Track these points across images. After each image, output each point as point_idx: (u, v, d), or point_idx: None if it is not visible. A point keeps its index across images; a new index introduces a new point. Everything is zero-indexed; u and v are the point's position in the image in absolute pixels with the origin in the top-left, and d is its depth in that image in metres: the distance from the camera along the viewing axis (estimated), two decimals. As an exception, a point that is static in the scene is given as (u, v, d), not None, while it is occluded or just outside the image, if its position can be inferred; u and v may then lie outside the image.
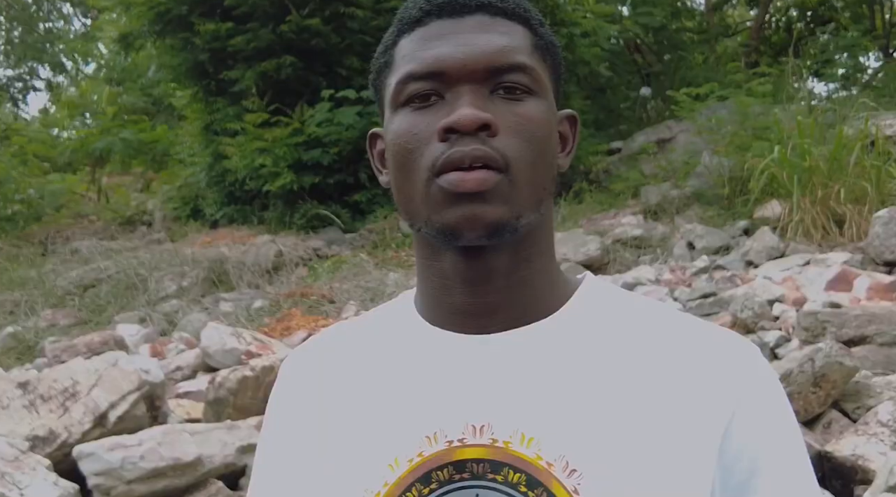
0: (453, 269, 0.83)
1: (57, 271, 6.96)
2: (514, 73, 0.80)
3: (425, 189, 0.79)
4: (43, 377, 3.35)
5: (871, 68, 13.44)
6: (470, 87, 0.79)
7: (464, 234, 0.78)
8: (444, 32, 0.81)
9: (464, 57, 0.79)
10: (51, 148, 12.46)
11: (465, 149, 0.77)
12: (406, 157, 0.80)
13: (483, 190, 0.77)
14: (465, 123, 0.77)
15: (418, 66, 0.80)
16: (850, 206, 5.38)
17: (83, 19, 20.30)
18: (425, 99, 0.80)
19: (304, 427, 0.87)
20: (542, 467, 0.76)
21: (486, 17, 0.82)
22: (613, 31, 9.72)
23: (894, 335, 3.15)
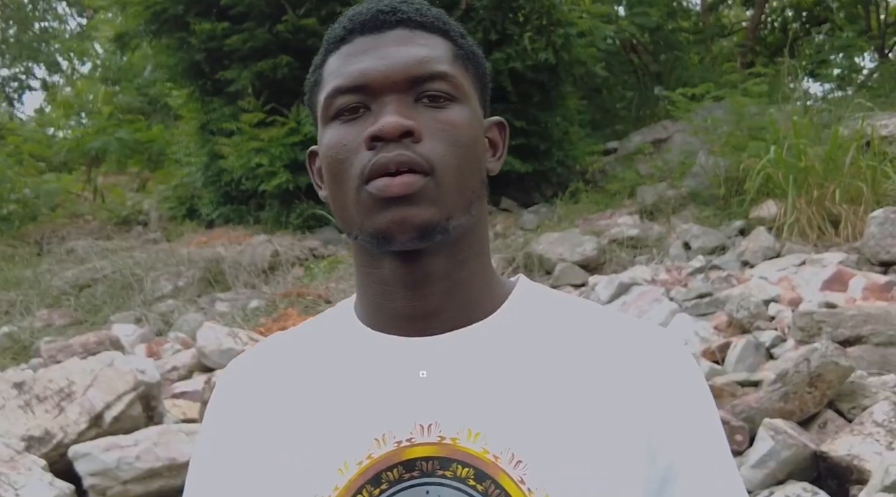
0: (392, 275, 0.85)
1: (52, 271, 6.94)
2: (434, 81, 0.84)
3: (356, 196, 0.82)
4: (38, 377, 3.35)
5: (867, 69, 13.46)
6: (394, 96, 0.83)
7: (395, 237, 0.81)
8: (367, 47, 0.85)
9: (386, 69, 0.83)
10: (46, 147, 12.43)
11: (390, 155, 0.80)
12: (337, 168, 0.84)
13: (409, 193, 0.80)
14: (389, 130, 0.80)
15: (344, 81, 0.84)
16: (846, 207, 5.39)
17: (78, 19, 20.28)
18: (353, 111, 0.84)
19: (243, 439, 0.88)
20: (489, 461, 0.80)
21: (407, 31, 0.86)
22: (609, 32, 9.73)
23: (890, 335, 3.16)
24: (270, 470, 0.85)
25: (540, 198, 8.27)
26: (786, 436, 2.42)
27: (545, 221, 7.28)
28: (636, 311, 4.23)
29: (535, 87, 8.23)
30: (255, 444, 0.87)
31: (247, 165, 7.76)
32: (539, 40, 7.89)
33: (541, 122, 8.35)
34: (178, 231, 8.59)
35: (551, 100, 8.56)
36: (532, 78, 8.05)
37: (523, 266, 5.95)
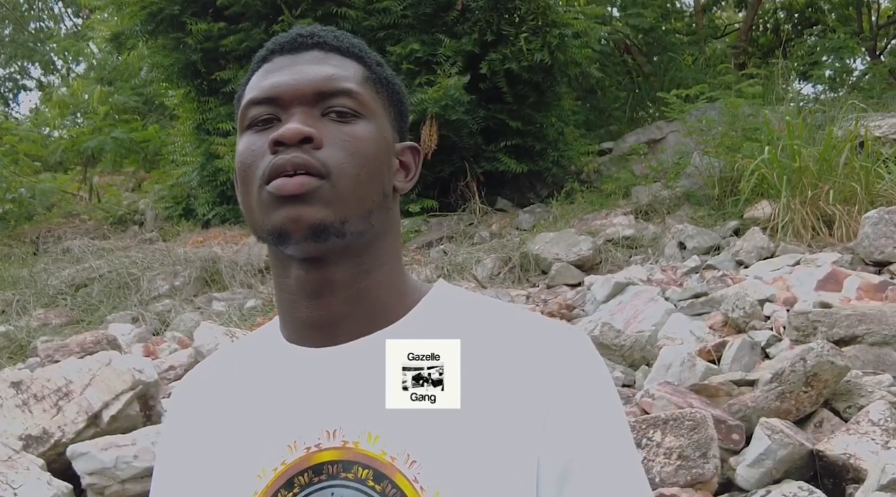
0: (297, 283, 0.91)
1: (49, 271, 6.94)
2: (340, 97, 0.90)
3: (258, 196, 0.87)
4: (36, 377, 3.34)
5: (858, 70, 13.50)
6: (301, 109, 0.89)
7: (290, 234, 0.85)
8: (283, 65, 0.92)
9: (295, 83, 0.90)
10: (42, 147, 12.40)
11: (287, 157, 0.85)
12: (245, 172, 0.89)
13: (303, 192, 0.85)
14: (289, 135, 0.86)
15: (257, 93, 0.91)
16: (840, 207, 5.41)
17: (74, 19, 20.23)
18: (265, 122, 0.90)
19: (180, 454, 0.96)
20: (386, 462, 0.85)
21: (321, 53, 0.93)
22: (604, 33, 9.75)
23: (884, 335, 3.18)
24: (197, 480, 0.92)
25: (535, 198, 8.28)
26: (782, 435, 2.44)
27: (541, 221, 7.30)
28: (632, 310, 4.25)
29: (530, 88, 8.25)
30: (187, 458, 0.95)
31: (242, 165, 7.75)
32: (534, 41, 7.90)
33: (536, 123, 8.37)
34: (175, 231, 8.58)
35: (546, 100, 8.58)
36: (527, 78, 8.06)
37: (519, 266, 5.96)
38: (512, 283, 5.79)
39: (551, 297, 5.13)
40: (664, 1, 12.31)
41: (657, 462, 2.39)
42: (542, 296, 5.21)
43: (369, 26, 7.99)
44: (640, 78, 12.03)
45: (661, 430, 2.43)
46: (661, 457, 2.39)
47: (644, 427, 2.46)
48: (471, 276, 5.86)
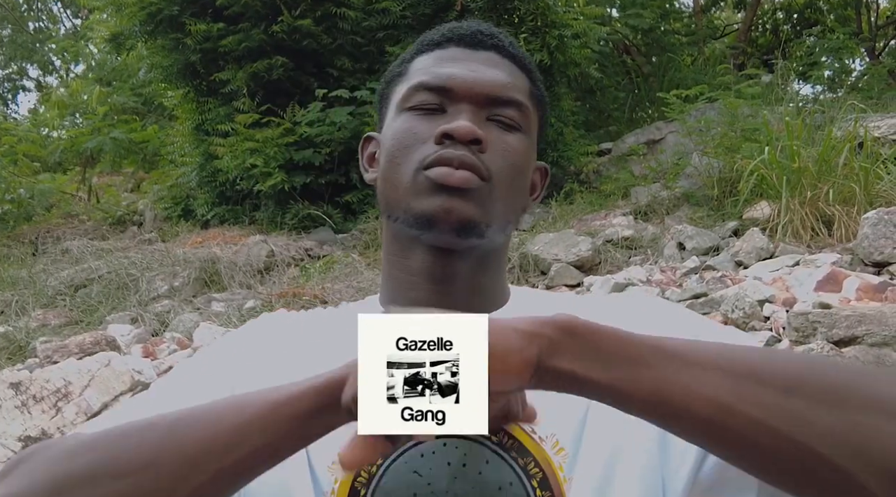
0: (420, 267, 0.91)
1: (48, 271, 6.93)
2: (510, 106, 0.91)
3: (412, 179, 0.88)
4: (35, 378, 3.35)
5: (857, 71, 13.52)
6: (470, 107, 0.90)
7: (438, 223, 0.86)
8: (459, 57, 0.93)
9: (472, 81, 0.90)
10: (41, 147, 12.39)
11: (457, 153, 0.86)
12: (400, 151, 0.90)
13: (465, 188, 0.86)
14: (462, 133, 0.86)
15: (430, 79, 0.91)
16: (839, 208, 5.41)
17: (73, 20, 20.23)
18: (435, 108, 0.91)
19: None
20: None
21: (497, 56, 0.95)
22: (603, 33, 9.75)
23: (884, 336, 3.18)
24: None
25: (534, 198, 8.28)
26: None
27: (540, 222, 7.30)
28: (631, 311, 4.25)
29: (529, 88, 8.25)
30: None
31: (242, 166, 7.76)
32: (534, 41, 7.91)
33: (535, 123, 8.37)
34: (174, 231, 8.58)
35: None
36: (527, 79, 8.06)
37: (518, 266, 5.96)
38: (511, 283, 5.76)
39: (551, 297, 5.12)
40: (663, 1, 12.31)
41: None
42: (541, 296, 5.20)
43: (368, 27, 8.00)
44: (640, 78, 12.04)
45: (661, 430, 2.43)
46: (660, 457, 2.39)
47: (644, 428, 2.46)
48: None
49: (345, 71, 8.02)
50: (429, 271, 0.91)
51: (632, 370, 0.66)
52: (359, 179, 7.74)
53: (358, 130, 7.55)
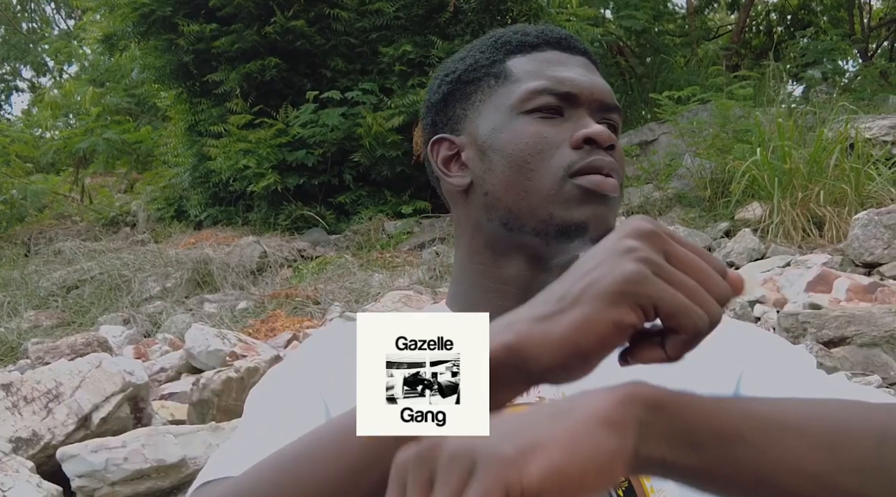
0: (516, 276, 0.90)
1: (40, 272, 6.92)
2: (615, 113, 0.93)
3: (557, 187, 0.86)
4: (26, 379, 3.34)
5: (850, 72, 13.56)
6: (588, 112, 0.89)
7: (588, 231, 0.85)
8: (563, 61, 0.92)
9: (590, 86, 0.90)
10: (34, 148, 12.36)
11: (606, 159, 0.87)
12: (533, 157, 0.87)
13: (614, 197, 0.87)
14: (605, 138, 0.86)
15: (553, 84, 0.89)
16: (830, 208, 5.43)
17: (66, 20, 20.19)
18: (554, 112, 0.89)
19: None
20: None
21: (589, 63, 0.95)
22: (597, 34, 9.77)
23: (873, 336, 3.20)
24: None
25: (527, 199, 8.29)
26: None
27: (533, 223, 7.30)
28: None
29: (522, 90, 8.25)
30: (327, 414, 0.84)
31: (235, 167, 7.76)
32: (527, 43, 7.91)
33: (528, 124, 8.37)
34: (166, 232, 8.56)
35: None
36: (520, 80, 8.07)
37: (511, 267, 5.96)
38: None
39: (543, 298, 5.13)
40: (657, 3, 12.33)
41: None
42: (533, 297, 5.21)
43: (362, 28, 8.00)
44: (633, 79, 12.06)
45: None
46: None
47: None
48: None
49: (338, 72, 8.03)
50: (523, 280, 0.89)
51: (726, 449, 0.57)
52: (352, 180, 7.74)
53: (350, 131, 7.54)
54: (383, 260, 6.58)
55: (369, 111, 7.53)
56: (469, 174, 0.92)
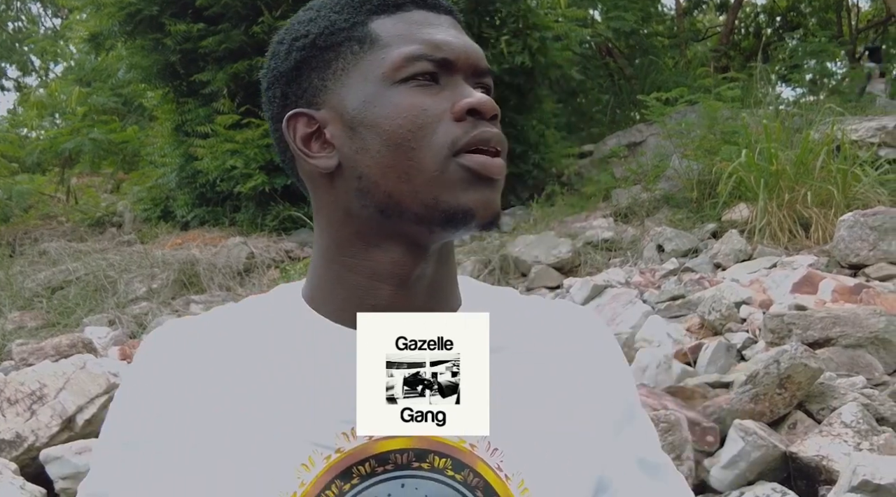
0: (391, 268, 0.80)
1: (25, 273, 6.87)
2: (488, 76, 0.83)
3: (441, 167, 0.76)
4: (10, 380, 3.31)
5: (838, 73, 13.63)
6: (463, 79, 0.80)
7: (475, 218, 0.76)
8: (432, 22, 0.82)
9: (465, 50, 0.81)
10: (19, 148, 12.29)
11: (493, 131, 0.78)
12: (414, 134, 0.77)
13: (499, 178, 0.78)
14: (489, 108, 0.78)
15: (429, 49, 0.79)
16: (816, 210, 5.45)
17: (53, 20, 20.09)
18: (431, 79, 0.79)
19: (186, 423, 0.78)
20: (466, 450, 0.77)
21: (456, 22, 0.85)
22: (585, 35, 9.78)
23: (858, 337, 3.21)
24: (225, 463, 0.76)
25: (516, 200, 8.30)
26: (756, 437, 2.45)
27: (521, 224, 7.31)
28: (610, 312, 4.26)
29: (511, 91, 8.26)
30: (204, 432, 0.77)
31: (221, 167, 7.73)
32: (515, 44, 7.92)
33: (517, 125, 8.38)
34: (153, 233, 8.52)
35: (527, 103, 8.59)
36: (508, 81, 8.07)
37: (499, 268, 5.97)
38: (492, 285, 5.78)
39: (530, 299, 5.13)
40: (645, 4, 12.36)
41: (632, 464, 2.39)
42: (521, 298, 5.21)
43: (350, 28, 7.97)
44: (622, 81, 12.08)
45: (636, 432, 2.44)
46: (635, 459, 2.40)
47: (619, 429, 2.46)
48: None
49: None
50: (397, 273, 0.79)
51: None
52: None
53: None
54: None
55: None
56: (336, 154, 0.80)
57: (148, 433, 0.79)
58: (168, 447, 0.78)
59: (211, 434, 0.77)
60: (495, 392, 0.76)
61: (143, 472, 0.78)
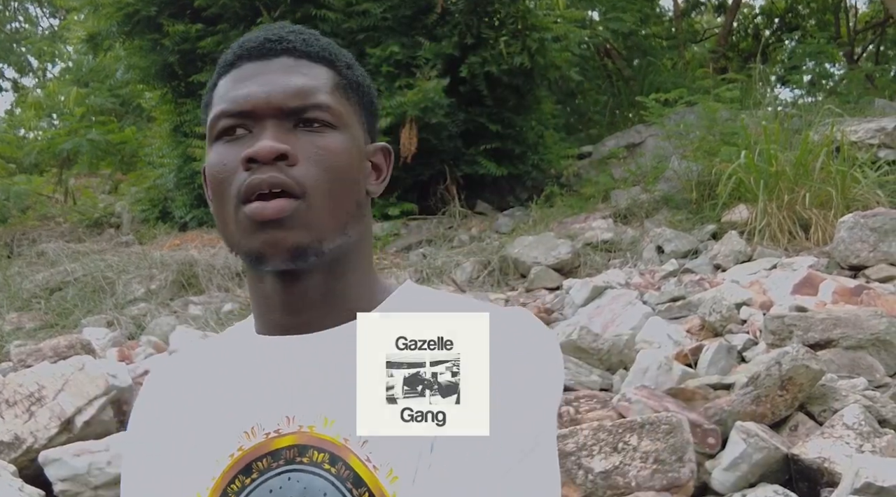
0: (273, 291, 0.90)
1: (23, 274, 6.86)
2: (312, 110, 0.88)
3: (235, 216, 0.87)
4: (8, 382, 3.30)
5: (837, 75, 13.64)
6: (274, 122, 0.87)
7: (268, 258, 0.85)
8: (253, 74, 0.90)
9: (266, 95, 0.88)
10: (17, 149, 12.28)
11: (263, 176, 0.84)
12: (218, 186, 0.88)
13: (281, 217, 0.84)
14: (263, 153, 0.84)
15: (228, 105, 0.89)
16: (816, 211, 5.45)
17: (51, 20, 20.07)
18: (233, 132, 0.89)
19: (148, 452, 0.96)
20: (340, 444, 0.84)
21: (291, 60, 0.91)
22: (584, 36, 9.77)
23: (859, 339, 3.20)
24: (160, 471, 0.93)
25: (515, 201, 8.29)
26: (757, 438, 2.44)
27: (520, 225, 7.30)
28: (610, 314, 4.25)
29: (510, 91, 8.25)
30: (152, 452, 0.95)
31: (220, 168, 7.71)
32: (514, 44, 7.91)
33: (516, 126, 8.37)
34: (151, 234, 8.51)
35: (526, 104, 8.59)
36: (507, 82, 8.07)
37: (498, 269, 5.96)
38: (491, 286, 5.78)
39: (530, 300, 5.12)
40: (644, 5, 12.36)
41: (633, 466, 2.38)
42: (520, 299, 5.21)
43: (349, 28, 7.97)
44: (620, 82, 12.08)
45: (638, 434, 2.43)
46: (637, 461, 2.39)
47: (620, 431, 2.46)
48: (450, 279, 5.85)
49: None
50: (280, 296, 0.90)
51: None
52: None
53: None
54: (370, 262, 6.54)
55: None
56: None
57: (133, 457, 0.99)
58: (144, 466, 0.96)
59: (164, 448, 0.94)
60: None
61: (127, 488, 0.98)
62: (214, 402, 0.92)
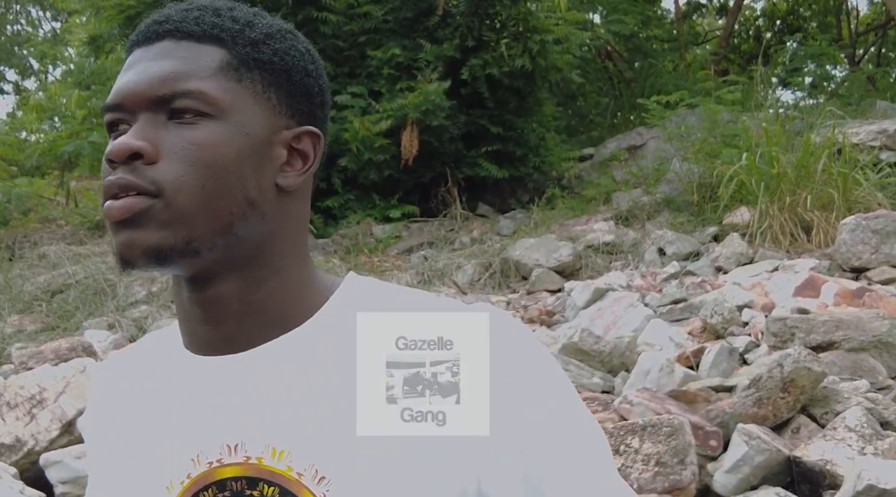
0: (189, 300, 0.83)
1: (24, 276, 6.86)
2: (181, 98, 0.79)
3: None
4: (9, 384, 3.30)
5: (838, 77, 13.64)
6: (146, 115, 0.79)
7: (128, 260, 0.78)
8: (135, 61, 0.82)
9: (135, 86, 0.80)
10: (18, 151, 12.28)
11: (112, 178, 0.78)
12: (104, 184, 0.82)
13: (130, 216, 0.77)
14: (115, 152, 0.78)
15: (109, 98, 0.82)
16: (818, 213, 5.45)
17: (53, 23, 20.10)
18: (116, 127, 0.81)
19: (99, 473, 0.93)
20: (293, 479, 0.78)
21: (171, 43, 0.82)
22: (585, 39, 9.78)
23: (861, 341, 3.19)
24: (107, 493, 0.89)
25: (516, 203, 8.29)
26: (759, 441, 2.44)
27: (521, 227, 7.30)
28: (611, 316, 4.25)
29: (511, 93, 8.26)
30: (102, 473, 0.92)
31: (221, 170, 7.71)
32: (515, 47, 7.91)
33: (517, 128, 8.38)
34: (152, 236, 8.50)
35: (527, 106, 8.59)
36: (508, 84, 8.07)
37: (499, 272, 5.96)
38: (492, 288, 5.78)
39: (531, 302, 5.12)
40: (645, 7, 12.36)
41: (635, 468, 2.38)
42: (522, 302, 5.21)
43: (350, 31, 7.98)
44: (621, 84, 12.08)
45: (640, 436, 2.43)
46: (639, 463, 2.39)
47: (622, 433, 2.46)
48: (451, 281, 5.85)
49: (326, 75, 8.01)
50: (195, 303, 0.83)
51: None
52: (340, 184, 7.72)
53: (338, 135, 7.52)
54: (371, 264, 6.56)
55: (357, 116, 7.50)
56: None
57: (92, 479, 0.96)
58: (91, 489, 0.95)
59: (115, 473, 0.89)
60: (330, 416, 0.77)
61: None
62: (159, 425, 0.86)
